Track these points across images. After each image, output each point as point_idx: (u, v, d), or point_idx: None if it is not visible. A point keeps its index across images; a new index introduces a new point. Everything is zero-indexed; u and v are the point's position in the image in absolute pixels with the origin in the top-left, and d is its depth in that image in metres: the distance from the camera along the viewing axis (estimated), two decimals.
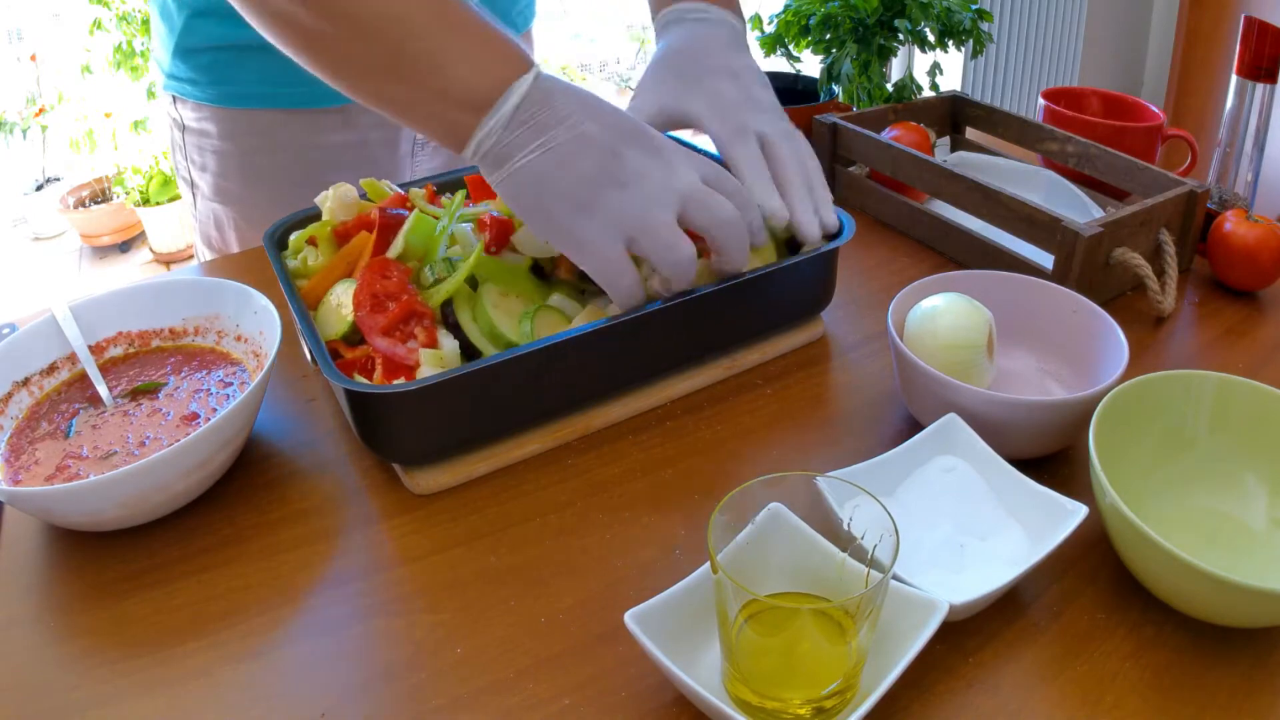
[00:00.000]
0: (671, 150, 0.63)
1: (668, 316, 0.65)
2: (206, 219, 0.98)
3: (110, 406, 0.65)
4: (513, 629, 0.53)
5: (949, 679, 0.49)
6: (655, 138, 0.63)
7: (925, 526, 0.54)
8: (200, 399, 0.65)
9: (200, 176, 0.96)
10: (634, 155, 0.61)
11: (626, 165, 0.60)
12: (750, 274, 0.68)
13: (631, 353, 0.66)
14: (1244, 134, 0.82)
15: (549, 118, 0.59)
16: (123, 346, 0.70)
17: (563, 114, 0.59)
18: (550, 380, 0.63)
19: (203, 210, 0.98)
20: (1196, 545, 0.55)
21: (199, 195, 0.97)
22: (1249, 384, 0.57)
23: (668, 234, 0.61)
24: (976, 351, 0.63)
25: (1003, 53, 2.63)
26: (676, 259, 0.61)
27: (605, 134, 0.60)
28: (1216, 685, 0.49)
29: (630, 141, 0.61)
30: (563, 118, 0.59)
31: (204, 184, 0.96)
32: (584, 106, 0.61)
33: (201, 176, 0.96)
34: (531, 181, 0.59)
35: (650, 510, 0.60)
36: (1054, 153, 0.95)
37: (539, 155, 0.59)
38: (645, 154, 0.61)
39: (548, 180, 0.59)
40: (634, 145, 0.61)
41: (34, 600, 0.55)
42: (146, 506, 0.57)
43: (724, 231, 0.63)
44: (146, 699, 0.49)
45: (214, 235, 0.99)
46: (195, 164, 0.95)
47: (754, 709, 0.45)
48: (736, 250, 0.64)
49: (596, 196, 0.59)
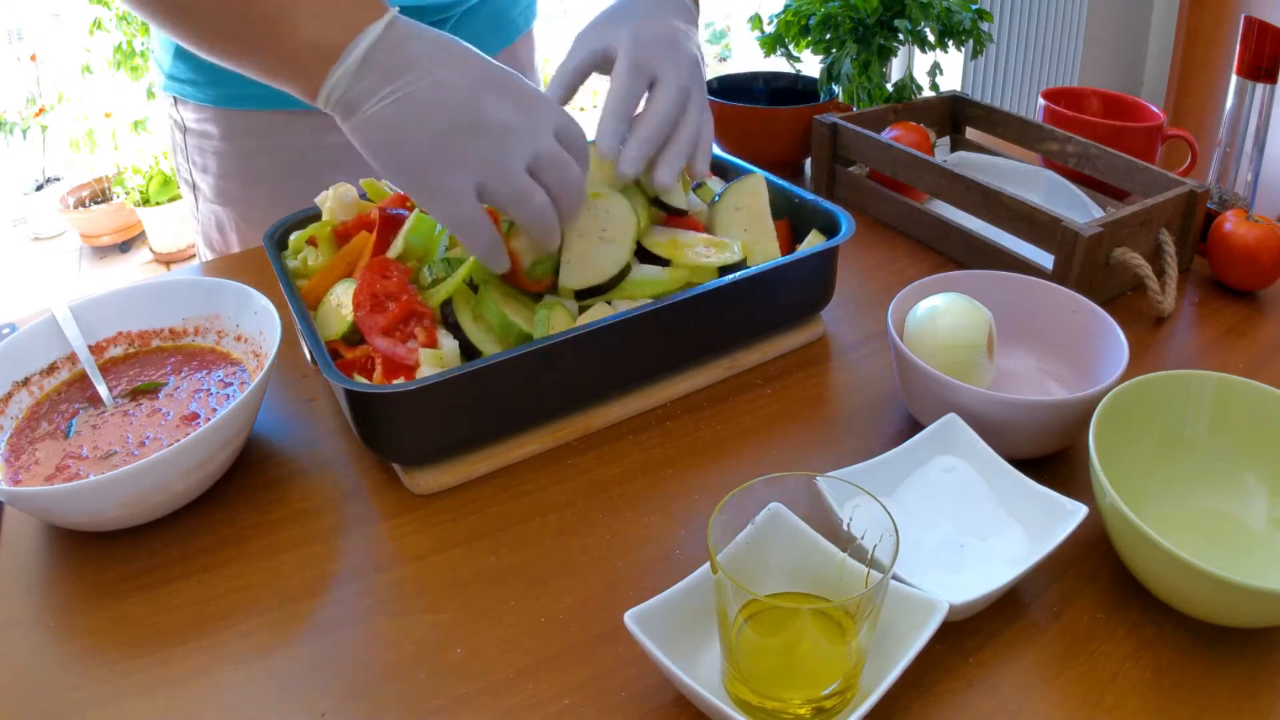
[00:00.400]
0: (536, 101, 0.61)
1: (667, 316, 0.65)
2: (208, 220, 0.98)
3: (110, 406, 0.65)
4: (513, 629, 0.53)
5: (949, 679, 0.49)
6: (522, 87, 0.61)
7: (925, 526, 0.54)
8: (200, 399, 0.65)
9: (201, 178, 0.96)
10: (493, 103, 0.58)
11: (485, 113, 0.58)
12: (749, 272, 0.68)
13: (631, 352, 0.66)
14: (1244, 134, 0.82)
15: (400, 63, 0.57)
16: (123, 346, 0.70)
17: (416, 59, 0.57)
18: (550, 380, 0.63)
19: (204, 212, 0.98)
20: (1196, 545, 0.55)
21: (200, 197, 0.97)
22: (1249, 384, 0.57)
23: (520, 183, 0.59)
24: (976, 351, 0.63)
25: (1003, 53, 2.63)
26: (530, 211, 0.60)
27: (464, 80, 0.58)
28: (1216, 685, 0.49)
29: (491, 89, 0.59)
30: (415, 63, 0.57)
31: (205, 185, 0.96)
32: (442, 51, 0.58)
33: (203, 178, 0.96)
34: (383, 130, 0.58)
35: (650, 510, 0.60)
36: (1054, 153, 0.95)
37: (390, 103, 0.57)
38: (506, 102, 0.59)
39: (398, 128, 0.57)
40: (495, 93, 0.59)
41: (34, 600, 0.55)
42: (146, 506, 0.57)
43: (567, 196, 0.61)
44: (146, 699, 0.49)
45: (215, 237, 0.99)
46: (196, 165, 0.95)
47: (754, 709, 0.45)
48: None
49: (449, 145, 0.57)
